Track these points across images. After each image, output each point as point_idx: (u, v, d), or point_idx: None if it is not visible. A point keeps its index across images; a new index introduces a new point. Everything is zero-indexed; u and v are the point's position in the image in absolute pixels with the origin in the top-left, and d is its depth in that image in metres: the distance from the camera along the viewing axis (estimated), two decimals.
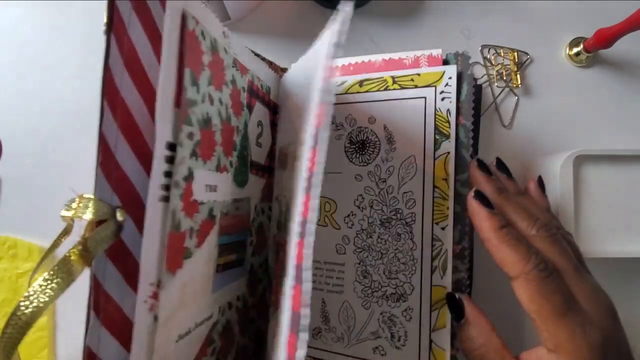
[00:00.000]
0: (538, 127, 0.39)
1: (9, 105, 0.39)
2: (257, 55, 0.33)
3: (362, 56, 0.33)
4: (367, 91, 0.31)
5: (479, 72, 0.39)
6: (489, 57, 0.40)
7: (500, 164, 0.31)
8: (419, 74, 0.30)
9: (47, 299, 0.17)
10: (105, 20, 0.19)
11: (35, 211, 0.37)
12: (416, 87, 0.30)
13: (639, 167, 0.35)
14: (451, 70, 0.29)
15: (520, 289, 0.25)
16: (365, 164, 0.31)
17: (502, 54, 0.39)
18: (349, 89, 0.32)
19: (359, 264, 0.31)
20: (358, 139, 0.31)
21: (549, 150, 0.38)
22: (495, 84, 0.39)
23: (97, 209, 0.18)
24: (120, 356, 0.20)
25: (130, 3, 0.19)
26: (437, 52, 0.31)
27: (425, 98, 0.29)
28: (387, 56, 0.32)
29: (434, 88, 0.29)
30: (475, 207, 0.27)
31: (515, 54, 0.39)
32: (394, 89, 0.30)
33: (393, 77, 0.31)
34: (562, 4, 0.40)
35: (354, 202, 0.31)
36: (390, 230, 0.30)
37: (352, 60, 0.33)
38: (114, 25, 0.19)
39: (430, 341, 0.28)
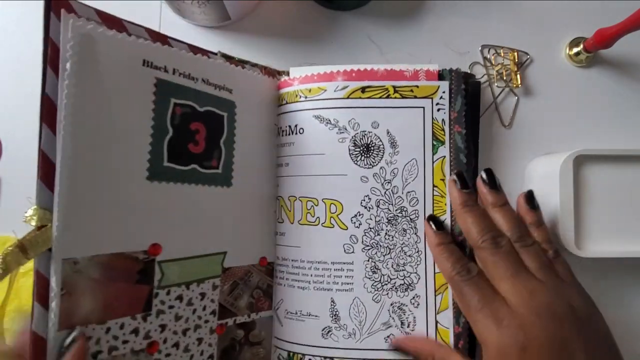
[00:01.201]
0: (538, 127, 0.39)
1: (9, 105, 0.39)
2: (246, 62, 0.33)
3: (364, 64, 0.34)
4: (369, 97, 0.33)
5: (479, 72, 0.39)
6: (489, 57, 0.40)
7: (488, 175, 0.32)
8: (417, 86, 0.33)
9: None
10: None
11: None
12: (415, 97, 0.33)
13: (639, 167, 0.35)
14: (444, 86, 0.33)
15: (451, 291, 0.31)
16: (371, 166, 0.33)
17: (502, 54, 0.39)
18: (351, 93, 0.33)
19: (368, 260, 0.33)
20: (362, 143, 0.33)
21: (549, 150, 0.38)
22: (495, 84, 0.39)
23: (39, 216, 0.23)
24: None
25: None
26: (434, 67, 0.34)
27: (423, 108, 0.33)
28: (389, 66, 0.34)
29: (430, 100, 0.33)
30: (425, 226, 0.32)
31: (515, 54, 0.39)
32: (395, 98, 0.33)
33: (394, 87, 0.33)
34: (562, 4, 0.40)
35: (361, 202, 0.33)
36: (396, 227, 0.33)
37: (355, 67, 0.34)
38: (49, 58, 0.23)
39: (436, 322, 0.32)
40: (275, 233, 0.35)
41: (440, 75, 0.34)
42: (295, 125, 0.34)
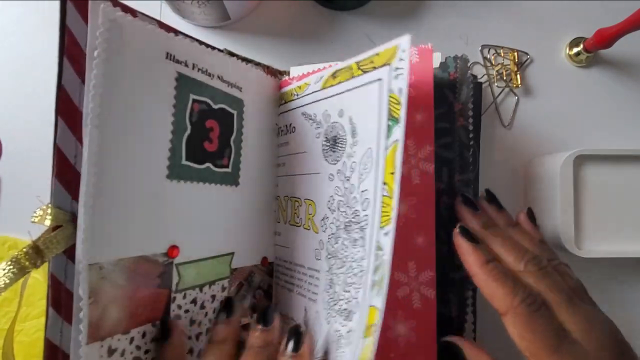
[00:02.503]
0: (538, 127, 0.39)
1: (9, 105, 0.39)
2: (250, 61, 0.33)
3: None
4: (339, 82, 0.28)
5: (479, 72, 0.39)
6: (489, 57, 0.40)
7: (490, 196, 0.30)
8: (377, 54, 0.25)
9: (2, 285, 0.21)
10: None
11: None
12: (374, 68, 0.25)
13: (639, 167, 0.35)
14: (405, 43, 0.24)
15: (510, 325, 0.24)
16: (336, 161, 0.27)
17: (502, 54, 0.39)
18: (325, 83, 0.29)
19: (328, 271, 0.27)
20: (331, 136, 0.28)
21: (549, 150, 0.38)
22: (495, 84, 0.39)
23: (55, 216, 0.21)
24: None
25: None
26: (436, 55, 0.30)
27: (380, 80, 0.25)
28: None
29: (388, 66, 0.24)
30: (460, 243, 0.26)
31: (515, 54, 0.39)
32: (358, 75, 0.26)
33: (357, 63, 0.26)
34: (562, 4, 0.40)
35: (327, 203, 0.28)
36: (350, 235, 0.25)
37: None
38: (66, 47, 0.21)
39: None
40: (274, 233, 0.35)
41: (444, 65, 0.30)
42: (290, 124, 0.32)
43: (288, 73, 0.35)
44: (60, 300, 0.21)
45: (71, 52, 0.21)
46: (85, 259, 0.21)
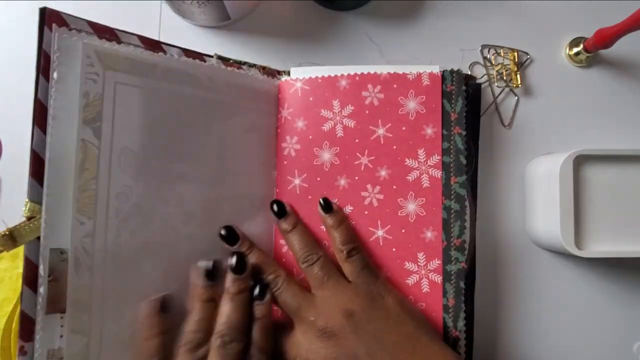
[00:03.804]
0: (538, 127, 0.39)
1: (9, 105, 0.39)
2: (243, 63, 0.34)
3: (367, 66, 0.34)
4: None
5: (479, 72, 0.39)
6: (489, 57, 0.40)
7: (278, 205, 0.33)
8: None
9: None
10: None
11: None
12: None
13: (639, 167, 0.35)
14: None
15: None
16: None
17: (502, 54, 0.39)
18: None
19: None
20: None
21: (549, 150, 0.38)
22: (495, 84, 0.39)
23: (30, 208, 0.25)
24: None
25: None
26: (435, 68, 0.34)
27: None
28: (392, 69, 0.34)
29: None
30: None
31: (515, 54, 0.39)
32: None
33: None
34: (562, 4, 0.40)
35: None
36: None
37: (358, 69, 0.34)
38: (41, 67, 0.25)
39: None
40: None
41: (443, 78, 0.34)
42: None
43: (288, 73, 0.35)
44: (32, 278, 0.25)
45: (45, 70, 0.25)
46: (47, 244, 0.25)
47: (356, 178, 0.33)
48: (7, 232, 0.25)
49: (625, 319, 0.38)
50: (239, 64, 0.34)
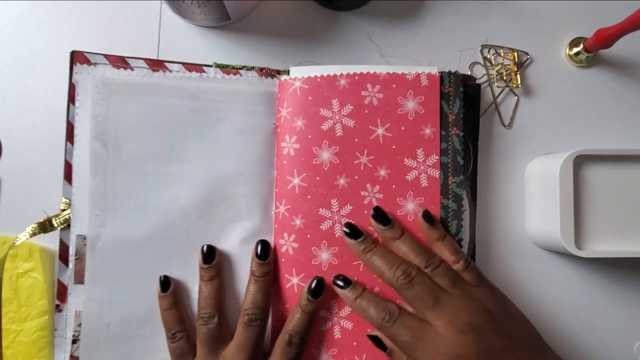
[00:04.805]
0: (538, 127, 0.39)
1: (8, 105, 0.39)
2: (241, 67, 0.34)
3: (366, 65, 0.34)
4: None
5: (479, 72, 0.39)
6: (489, 57, 0.40)
7: (378, 213, 0.33)
8: None
9: (27, 236, 0.35)
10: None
11: (35, 211, 0.37)
12: None
13: (639, 167, 0.35)
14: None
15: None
16: None
17: (502, 54, 0.39)
18: None
19: None
20: None
21: (549, 150, 0.38)
22: (495, 84, 0.39)
23: (63, 202, 0.35)
24: None
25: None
26: (433, 69, 0.34)
27: None
28: (391, 69, 0.34)
29: None
30: (336, 290, 0.32)
31: (515, 54, 0.39)
32: None
33: None
34: (562, 4, 0.40)
35: None
36: None
37: (357, 69, 0.34)
38: (70, 95, 0.35)
39: None
40: None
41: (441, 79, 0.34)
42: None
43: (288, 72, 0.36)
44: (65, 255, 0.35)
45: (73, 98, 0.35)
46: (74, 231, 0.35)
47: (355, 177, 0.33)
48: (47, 220, 0.35)
49: (625, 318, 0.38)
50: (237, 68, 0.34)
